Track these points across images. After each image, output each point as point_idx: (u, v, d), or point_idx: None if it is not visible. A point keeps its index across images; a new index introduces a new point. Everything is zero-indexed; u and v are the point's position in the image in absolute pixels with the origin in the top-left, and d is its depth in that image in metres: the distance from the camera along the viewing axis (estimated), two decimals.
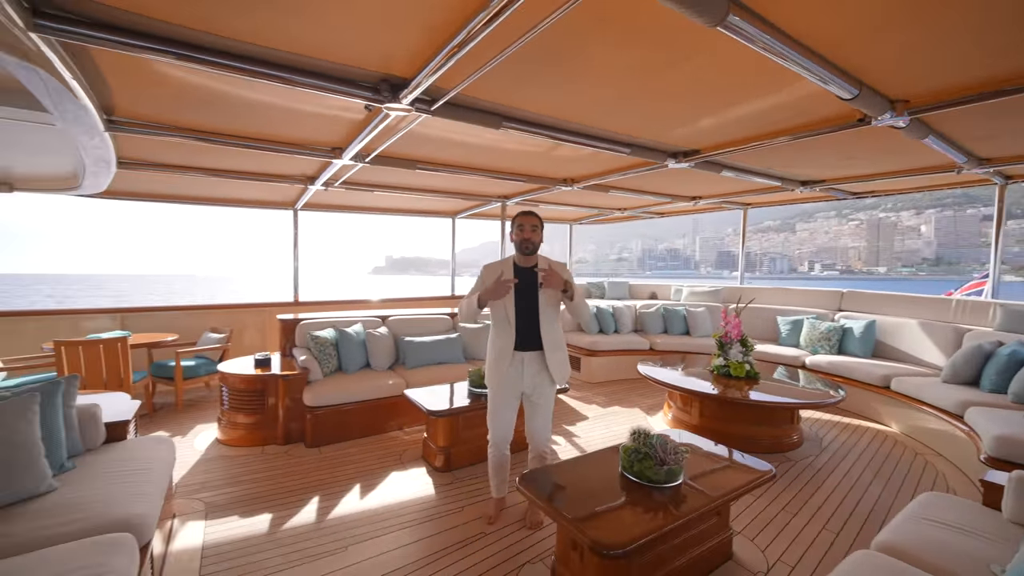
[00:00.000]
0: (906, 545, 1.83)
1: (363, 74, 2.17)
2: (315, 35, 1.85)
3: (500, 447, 2.60)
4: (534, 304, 2.46)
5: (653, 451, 2.13)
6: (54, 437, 2.13)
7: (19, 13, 1.50)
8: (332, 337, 4.10)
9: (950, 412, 3.50)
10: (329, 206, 6.26)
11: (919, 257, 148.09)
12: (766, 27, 1.58)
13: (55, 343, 3.65)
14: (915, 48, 1.86)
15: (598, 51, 1.99)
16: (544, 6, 1.54)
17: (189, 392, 4.96)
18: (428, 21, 1.73)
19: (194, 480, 3.08)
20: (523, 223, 2.44)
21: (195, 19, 1.73)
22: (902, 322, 4.88)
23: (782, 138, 3.00)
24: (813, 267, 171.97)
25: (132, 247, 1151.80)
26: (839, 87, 2.03)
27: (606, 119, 2.87)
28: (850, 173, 4.27)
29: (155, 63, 2.09)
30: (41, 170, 4.12)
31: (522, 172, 4.43)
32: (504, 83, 2.31)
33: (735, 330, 4.10)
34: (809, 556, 2.38)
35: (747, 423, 3.73)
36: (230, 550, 2.34)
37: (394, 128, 2.92)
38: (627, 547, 1.70)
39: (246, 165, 4.04)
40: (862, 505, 2.88)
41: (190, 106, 2.65)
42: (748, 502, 2.86)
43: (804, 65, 1.81)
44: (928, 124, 2.70)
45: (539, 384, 2.50)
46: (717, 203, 6.19)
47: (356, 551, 2.34)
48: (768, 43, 1.62)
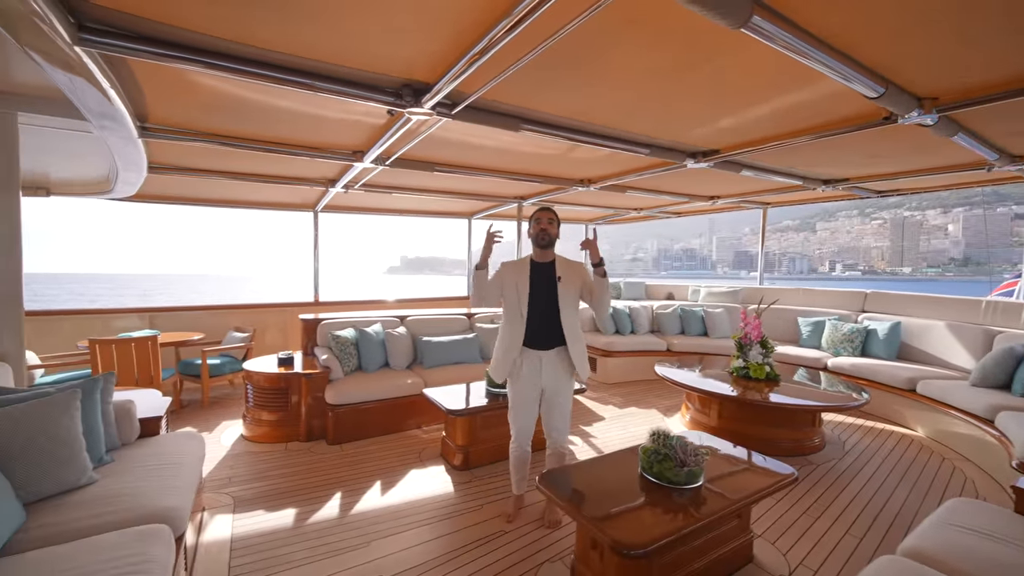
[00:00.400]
0: (934, 551, 1.79)
1: (387, 80, 2.21)
2: (342, 44, 1.90)
3: (522, 443, 2.63)
4: (553, 300, 2.48)
5: (673, 452, 2.13)
6: (93, 432, 2.22)
7: (66, 28, 1.58)
8: (352, 337, 4.18)
9: (980, 416, 3.40)
10: (348, 208, 6.37)
11: (946, 257, 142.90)
12: (789, 27, 1.57)
13: (90, 341, 3.80)
14: (944, 45, 1.83)
15: (619, 54, 2.00)
16: (567, 11, 1.56)
17: (215, 390, 5.11)
18: (452, 27, 1.76)
19: (221, 475, 3.18)
20: (540, 217, 2.51)
21: (229, 30, 1.79)
22: (928, 324, 4.76)
23: (804, 137, 2.96)
24: (834, 267, 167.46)
25: (157, 248, 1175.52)
26: (864, 86, 2.00)
27: (626, 120, 2.88)
28: (874, 172, 4.18)
29: (188, 72, 2.17)
30: (76, 175, 4.30)
31: (539, 173, 4.45)
32: (524, 86, 2.33)
33: (755, 331, 4.05)
34: (832, 560, 2.35)
35: (767, 425, 3.68)
36: (258, 543, 2.41)
37: (414, 132, 2.97)
38: (648, 547, 1.71)
39: (270, 168, 4.14)
40: (887, 510, 2.83)
41: (219, 113, 2.73)
42: (769, 505, 2.84)
43: (828, 64, 1.79)
44: (957, 121, 2.63)
45: (558, 381, 2.52)
46: (736, 202, 6.12)
47: (378, 546, 2.40)
48: (791, 43, 1.61)
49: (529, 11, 1.51)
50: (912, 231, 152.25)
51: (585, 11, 1.53)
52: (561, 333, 2.48)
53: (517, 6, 1.52)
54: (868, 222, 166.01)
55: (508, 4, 1.57)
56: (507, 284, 2.52)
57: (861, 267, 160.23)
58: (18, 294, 2.59)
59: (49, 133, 2.99)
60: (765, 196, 5.65)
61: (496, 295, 2.54)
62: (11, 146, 2.54)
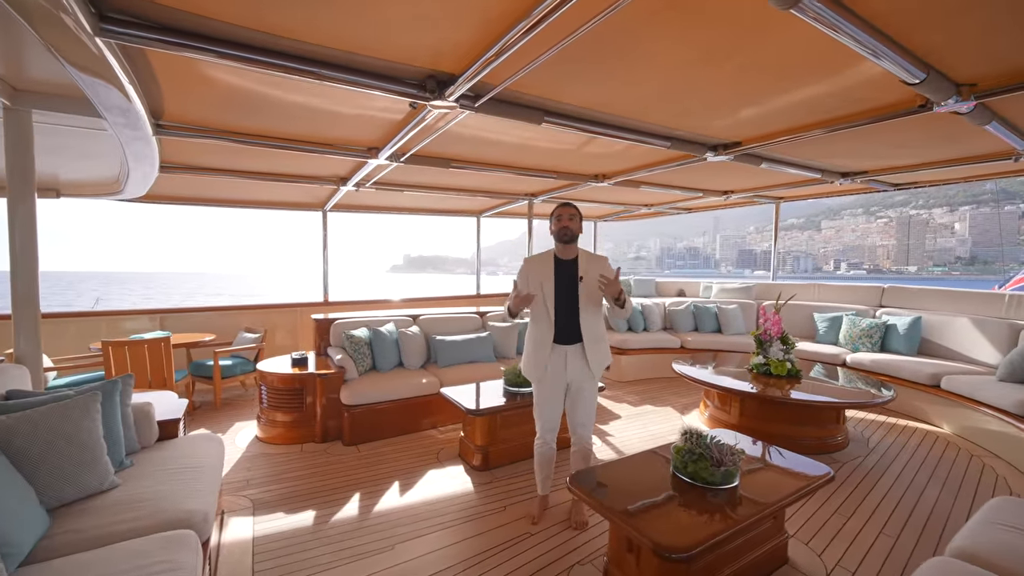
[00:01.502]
0: (984, 551, 1.73)
1: (411, 71, 2.15)
2: (366, 32, 1.84)
3: (547, 440, 2.59)
4: (574, 297, 2.45)
5: (708, 452, 2.08)
6: (114, 435, 2.18)
7: (88, 19, 1.53)
8: (366, 336, 4.13)
9: (1010, 412, 3.33)
10: (357, 207, 6.32)
11: (952, 256, 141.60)
12: (840, 9, 1.51)
13: (103, 343, 3.76)
14: (993, 28, 1.76)
15: (648, 44, 1.93)
16: None
17: (227, 391, 5.07)
18: (481, 15, 1.70)
19: (238, 477, 3.14)
20: (561, 213, 2.47)
21: (250, 18, 1.73)
22: (949, 318, 4.68)
23: (830, 128, 2.89)
24: (839, 266, 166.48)
25: (162, 247, 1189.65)
26: (906, 71, 1.93)
27: (647, 112, 2.81)
28: (897, 163, 4.09)
29: (205, 66, 2.12)
30: (86, 175, 4.25)
31: (554, 169, 4.38)
32: (548, 78, 2.27)
33: (775, 327, 3.98)
34: (869, 562, 2.28)
35: (789, 423, 3.62)
36: (280, 546, 2.36)
37: (432, 127, 2.91)
38: (691, 551, 1.66)
39: (281, 167, 4.09)
40: (919, 509, 2.77)
41: (235, 109, 2.68)
42: (799, 504, 2.77)
43: (873, 48, 1.72)
44: (992, 109, 2.56)
45: (582, 377, 2.48)
46: (749, 197, 6.04)
47: (403, 550, 2.35)
48: (841, 25, 1.55)
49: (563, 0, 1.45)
50: (918, 229, 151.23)
51: None
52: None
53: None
54: (873, 220, 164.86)
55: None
56: (532, 283, 2.48)
57: (866, 266, 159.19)
58: (35, 296, 2.55)
59: (60, 132, 2.94)
60: (779, 190, 5.57)
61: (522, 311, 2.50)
62: (26, 145, 2.50)
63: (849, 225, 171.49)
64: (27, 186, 2.53)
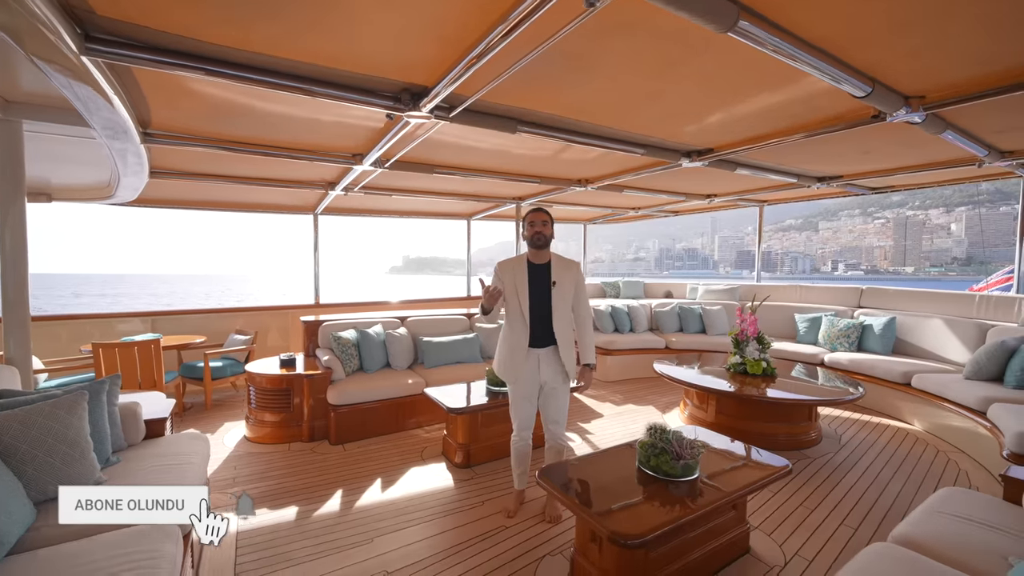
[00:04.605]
0: (923, 538, 1.84)
1: (386, 83, 2.26)
2: (342, 48, 1.94)
3: (524, 435, 2.67)
4: (547, 302, 2.53)
5: (669, 446, 2.18)
6: (101, 433, 2.26)
7: (73, 39, 1.62)
8: (354, 338, 4.22)
9: (973, 409, 3.45)
10: (348, 210, 6.41)
11: (949, 256, 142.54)
12: (776, 31, 1.62)
13: (93, 345, 3.84)
14: (929, 45, 1.87)
15: (613, 53, 2.04)
16: (564, 15, 1.60)
17: (217, 392, 5.15)
18: (450, 31, 1.81)
19: (226, 475, 3.22)
20: (533, 219, 2.53)
21: (232, 38, 1.84)
22: (923, 319, 4.81)
23: (796, 135, 3.01)
24: (837, 267, 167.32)
25: (155, 250, 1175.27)
26: (851, 85, 2.05)
27: (620, 119, 2.92)
28: (868, 168, 4.23)
29: (190, 80, 2.22)
30: (77, 181, 4.34)
31: (536, 174, 4.49)
32: (520, 87, 2.38)
33: (751, 327, 4.10)
34: (827, 550, 2.39)
35: (764, 420, 3.73)
36: (262, 540, 2.45)
37: (412, 135, 3.01)
38: (644, 537, 1.76)
39: (270, 172, 4.19)
40: (882, 501, 2.88)
41: (220, 118, 2.78)
42: (766, 497, 2.88)
43: (815, 65, 1.84)
44: (945, 119, 2.68)
45: (556, 379, 2.58)
46: (732, 200, 6.17)
47: (382, 542, 2.44)
48: (778, 46, 1.66)
49: (525, 15, 1.56)
50: (915, 230, 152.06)
51: (581, 15, 1.57)
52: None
53: (513, 11, 1.57)
54: (871, 221, 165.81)
55: (504, 9, 1.62)
56: (506, 286, 2.57)
57: (864, 267, 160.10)
58: (25, 300, 2.63)
59: (51, 140, 3.03)
60: (761, 194, 5.70)
61: (499, 310, 2.61)
62: (17, 155, 2.58)
63: (846, 226, 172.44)
64: (17, 192, 2.62)
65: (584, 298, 2.64)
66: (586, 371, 2.62)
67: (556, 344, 2.54)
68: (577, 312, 2.62)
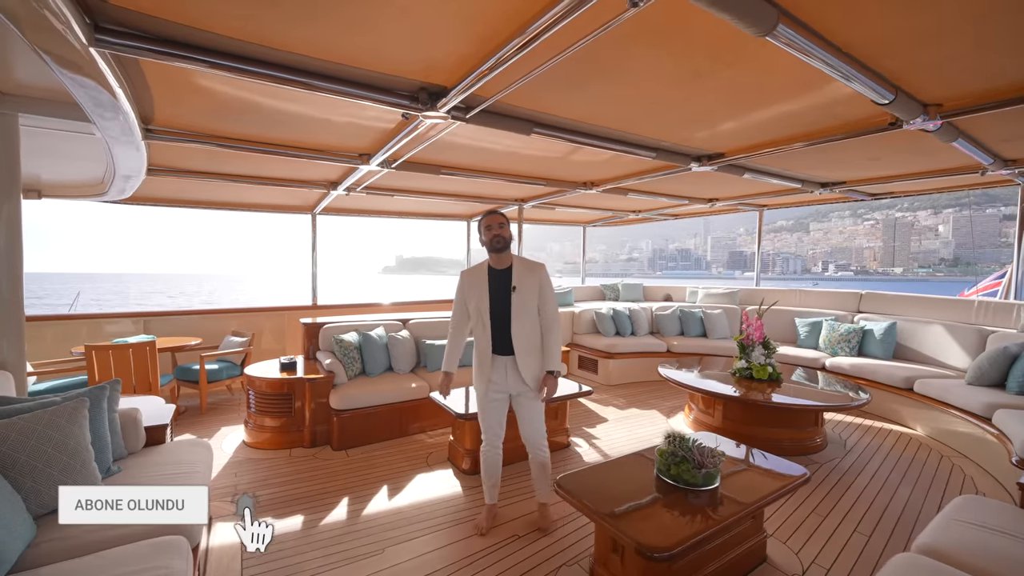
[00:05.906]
0: (947, 548, 1.83)
1: (403, 83, 2.20)
2: (360, 45, 1.88)
3: (493, 444, 2.58)
4: (507, 309, 2.44)
5: (691, 455, 2.15)
6: (101, 441, 2.17)
7: (82, 29, 1.54)
8: (356, 341, 4.14)
9: (977, 414, 3.48)
10: (347, 210, 6.31)
11: (936, 257, 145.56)
12: (812, 36, 1.60)
13: (86, 347, 3.71)
14: (956, 56, 1.88)
15: (638, 60, 2.01)
16: (595, 19, 1.56)
17: (212, 395, 5.02)
18: (475, 31, 1.76)
19: (226, 482, 3.12)
20: (490, 223, 2.43)
21: (246, 31, 1.76)
22: (923, 324, 4.86)
23: (807, 142, 3.01)
24: (827, 267, 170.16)
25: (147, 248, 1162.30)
26: (876, 92, 2.04)
27: (633, 124, 2.90)
28: (873, 175, 4.26)
29: (198, 75, 2.14)
30: (69, 177, 4.20)
31: (543, 176, 4.46)
32: (538, 90, 2.34)
33: (757, 332, 4.10)
34: (843, 558, 2.38)
35: (770, 425, 3.73)
36: (269, 551, 2.36)
37: (424, 136, 2.95)
38: (673, 550, 1.72)
39: (271, 171, 4.09)
40: (892, 507, 2.88)
41: (227, 116, 2.70)
42: (778, 504, 2.86)
43: (844, 72, 1.82)
44: (958, 127, 2.70)
45: (519, 388, 2.49)
46: (733, 205, 6.19)
47: (394, 553, 2.37)
48: (812, 50, 1.64)
49: (558, 18, 1.51)
50: (903, 232, 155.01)
51: (611, 20, 1.53)
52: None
53: (545, 13, 1.52)
54: (860, 223, 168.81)
55: (536, 11, 1.57)
56: (469, 296, 2.51)
57: (853, 267, 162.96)
58: (19, 300, 2.52)
59: (42, 134, 2.91)
60: (762, 199, 5.73)
61: (466, 320, 2.58)
62: (12, 149, 2.48)
63: (837, 227, 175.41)
64: (12, 188, 2.51)
65: (550, 300, 2.49)
66: (549, 379, 2.46)
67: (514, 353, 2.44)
68: (543, 315, 2.48)
